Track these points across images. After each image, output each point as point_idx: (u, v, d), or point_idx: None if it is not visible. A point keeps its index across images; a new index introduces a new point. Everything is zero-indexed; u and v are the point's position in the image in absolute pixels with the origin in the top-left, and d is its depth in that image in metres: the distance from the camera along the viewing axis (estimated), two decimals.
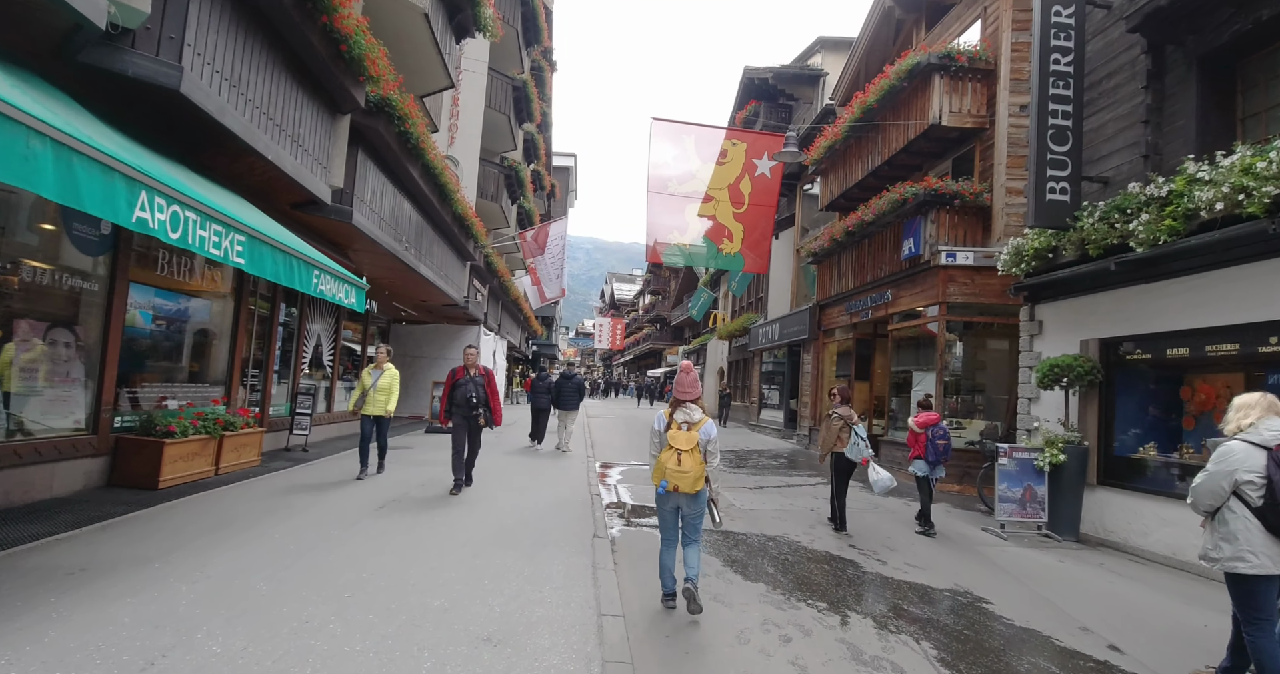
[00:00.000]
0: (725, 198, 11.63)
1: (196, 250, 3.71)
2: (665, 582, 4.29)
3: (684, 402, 4.26)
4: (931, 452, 7.03)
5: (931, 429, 7.06)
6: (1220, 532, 3.25)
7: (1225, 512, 3.24)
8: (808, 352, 16.07)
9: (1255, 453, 3.19)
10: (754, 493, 9.12)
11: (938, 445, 7.03)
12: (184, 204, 3.59)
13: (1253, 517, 3.16)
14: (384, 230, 10.44)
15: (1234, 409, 3.39)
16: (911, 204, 10.51)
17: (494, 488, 7.90)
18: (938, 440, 7.02)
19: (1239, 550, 3.15)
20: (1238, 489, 3.20)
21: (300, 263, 5.23)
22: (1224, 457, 3.26)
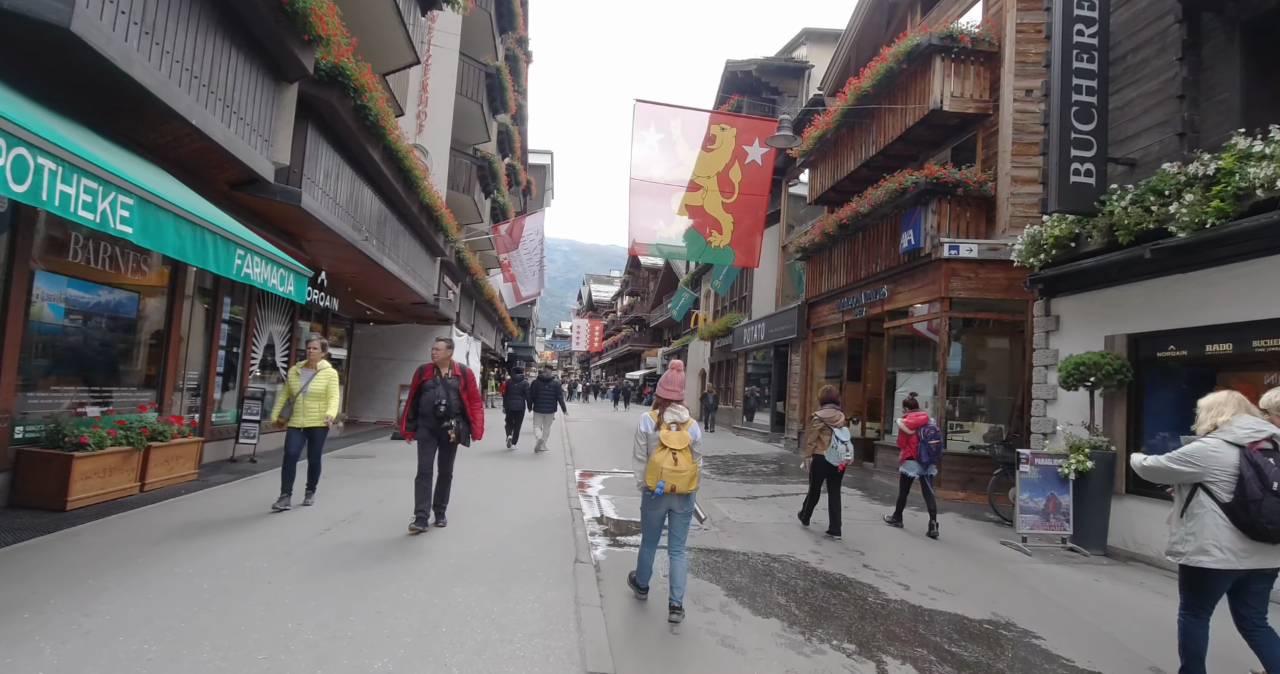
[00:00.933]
0: (713, 187, 10.89)
1: (56, 210, 2.83)
2: (642, 577, 4.27)
3: (672, 401, 4.24)
4: (925, 452, 6.87)
5: (922, 429, 6.89)
6: (1187, 526, 3.29)
7: (1194, 506, 3.28)
8: (796, 352, 15.43)
9: (1228, 450, 3.22)
10: (748, 504, 8.38)
11: (930, 445, 6.86)
12: (35, 148, 2.71)
13: (1221, 512, 3.19)
14: (340, 218, 9.50)
15: (1204, 409, 3.43)
16: (911, 193, 9.90)
17: (459, 502, 7.03)
18: (930, 440, 6.86)
19: (1203, 544, 3.20)
20: (1205, 485, 3.24)
21: (216, 239, 4.34)
22: (1198, 453, 3.28)
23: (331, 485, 7.84)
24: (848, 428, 6.67)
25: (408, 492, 7.48)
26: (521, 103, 26.78)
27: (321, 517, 6.07)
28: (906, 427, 6.99)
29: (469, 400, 5.82)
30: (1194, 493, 3.29)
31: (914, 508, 8.54)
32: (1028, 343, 9.31)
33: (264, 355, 11.02)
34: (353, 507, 6.67)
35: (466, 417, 5.81)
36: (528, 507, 7.18)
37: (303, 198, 8.10)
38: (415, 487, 5.72)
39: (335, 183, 9.32)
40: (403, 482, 8.22)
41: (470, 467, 10.12)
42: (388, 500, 7.00)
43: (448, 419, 5.61)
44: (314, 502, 6.63)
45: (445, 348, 5.85)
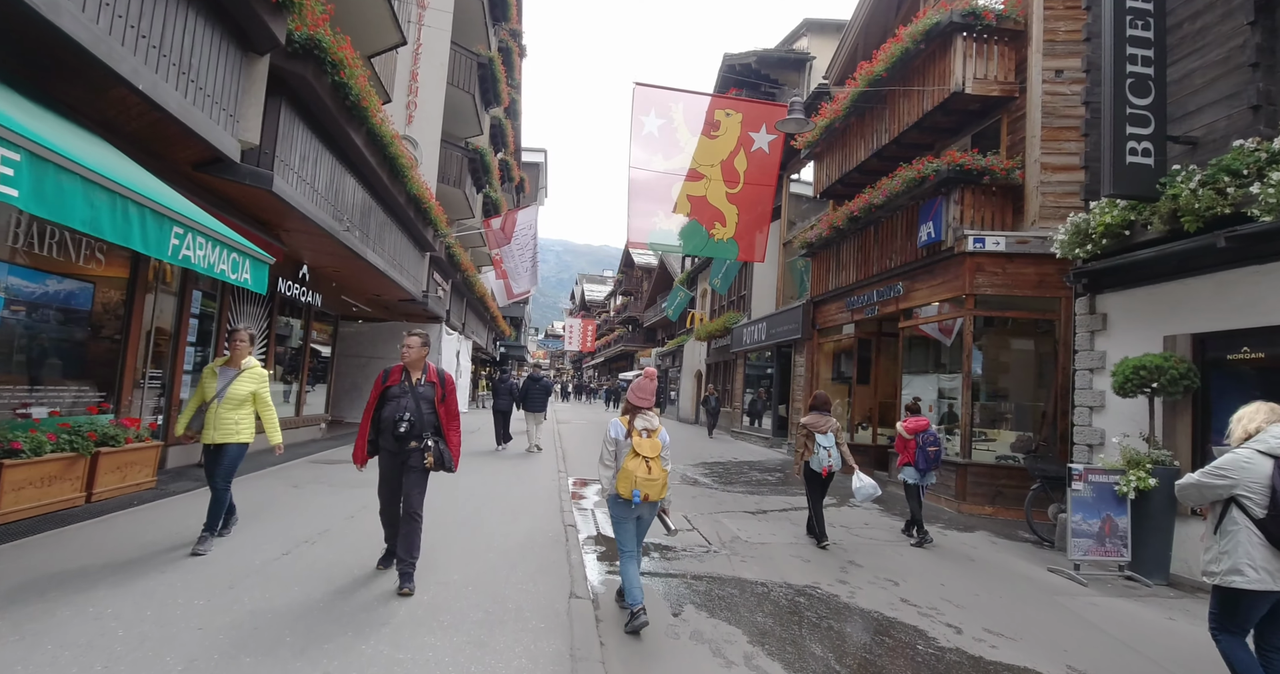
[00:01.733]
0: (717, 176, 10.19)
1: None
2: (633, 594, 3.98)
3: (643, 408, 4.18)
4: (922, 458, 6.64)
5: (921, 435, 6.67)
6: (1220, 544, 3.13)
7: (1227, 523, 3.12)
8: (800, 353, 14.74)
9: (1262, 461, 3.06)
10: (759, 520, 7.66)
11: (929, 452, 6.63)
12: None
13: (1255, 529, 3.04)
14: (319, 206, 8.74)
15: (1235, 420, 3.28)
16: (932, 182, 9.21)
17: (437, 516, 6.29)
18: (929, 447, 6.63)
19: (1237, 564, 3.04)
20: (1239, 500, 3.09)
21: (145, 212, 3.58)
22: (1230, 464, 3.12)
23: (302, 496, 7.09)
24: (844, 433, 6.37)
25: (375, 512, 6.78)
26: (515, 97, 26.03)
27: (282, 536, 5.31)
28: (906, 431, 6.76)
29: (446, 416, 4.37)
30: (1227, 509, 3.13)
31: (940, 524, 7.85)
32: (1061, 344, 8.65)
33: None
34: (320, 523, 5.91)
35: (441, 435, 4.35)
36: (516, 523, 6.44)
37: (274, 181, 7.36)
38: (384, 520, 4.56)
39: (313, 168, 8.57)
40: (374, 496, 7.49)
41: (453, 474, 9.40)
42: (360, 516, 6.25)
43: (415, 438, 4.22)
44: (208, 550, 4.72)
45: (419, 346, 4.38)
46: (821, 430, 6.33)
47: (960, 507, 8.65)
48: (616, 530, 4.19)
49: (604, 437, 4.20)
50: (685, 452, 14.57)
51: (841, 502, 9.13)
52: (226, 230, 4.78)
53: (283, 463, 9.57)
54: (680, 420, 27.60)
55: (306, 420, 13.06)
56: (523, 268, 15.75)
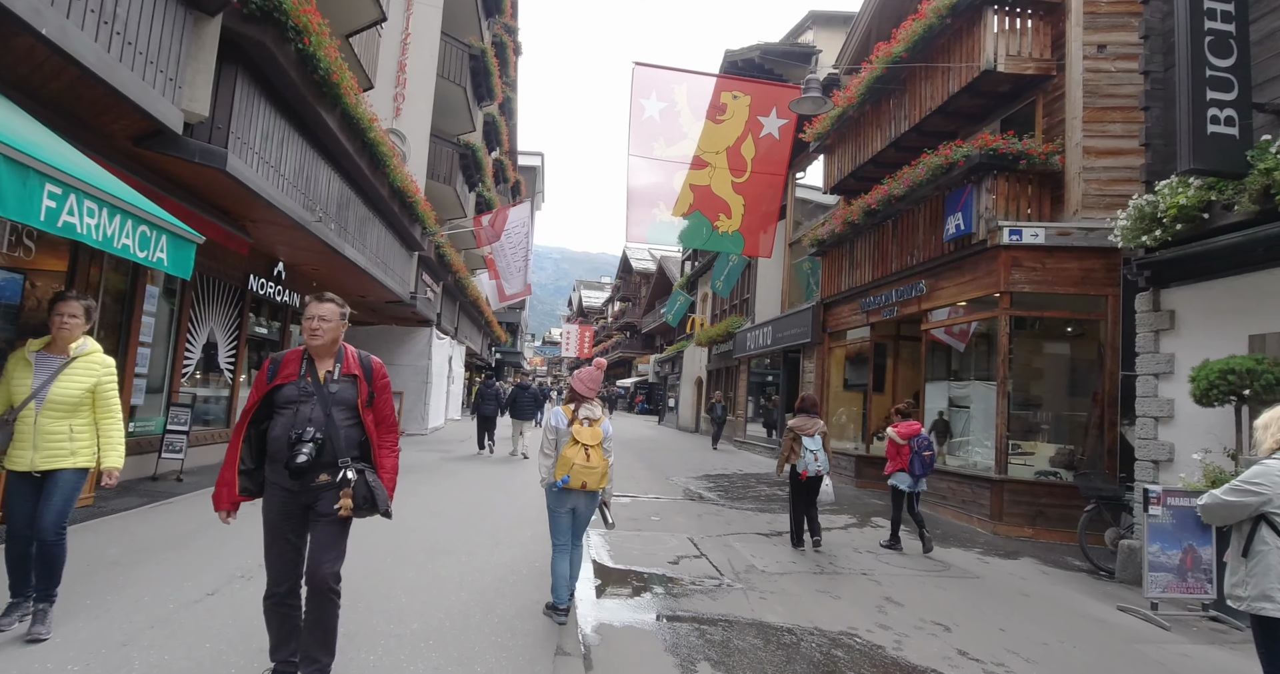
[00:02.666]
0: (722, 163, 9.38)
1: None
2: (560, 594, 4.04)
3: (587, 398, 4.20)
4: (918, 464, 6.50)
5: (915, 439, 6.53)
6: (1248, 566, 2.84)
7: (1256, 543, 2.82)
8: (809, 358, 13.89)
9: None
10: (775, 544, 6.79)
11: (924, 457, 6.50)
12: None
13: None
14: (286, 193, 7.91)
15: (1260, 428, 2.99)
16: (961, 169, 8.40)
17: (405, 539, 5.41)
18: (923, 452, 6.50)
19: (1266, 589, 2.73)
20: (1269, 517, 2.78)
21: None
22: (1260, 476, 2.82)
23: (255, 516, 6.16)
24: (821, 437, 6.38)
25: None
26: (510, 95, 25.30)
27: (208, 569, 4.42)
28: (899, 436, 6.59)
29: (376, 429, 2.85)
30: (1256, 527, 2.85)
31: (978, 549, 6.98)
32: (1108, 347, 7.82)
33: (203, 355, 9.38)
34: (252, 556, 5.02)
35: (370, 461, 2.82)
36: (496, 550, 5.57)
37: (229, 160, 6.53)
38: (266, 615, 2.79)
39: (279, 150, 7.75)
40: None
41: (432, 485, 8.51)
42: None
43: (325, 468, 2.68)
44: (48, 630, 3.20)
45: (334, 319, 2.79)
46: (808, 433, 6.26)
47: (996, 528, 7.79)
48: (550, 521, 4.15)
49: (544, 425, 4.19)
50: (686, 463, 13.70)
51: (863, 522, 8.26)
52: (135, 197, 3.92)
53: None
54: (680, 429, 26.71)
55: None
56: (514, 268, 14.91)
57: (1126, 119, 7.97)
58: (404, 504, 7.24)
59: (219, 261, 9.28)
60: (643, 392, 44.77)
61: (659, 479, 11.07)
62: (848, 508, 9.18)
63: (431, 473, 10.00)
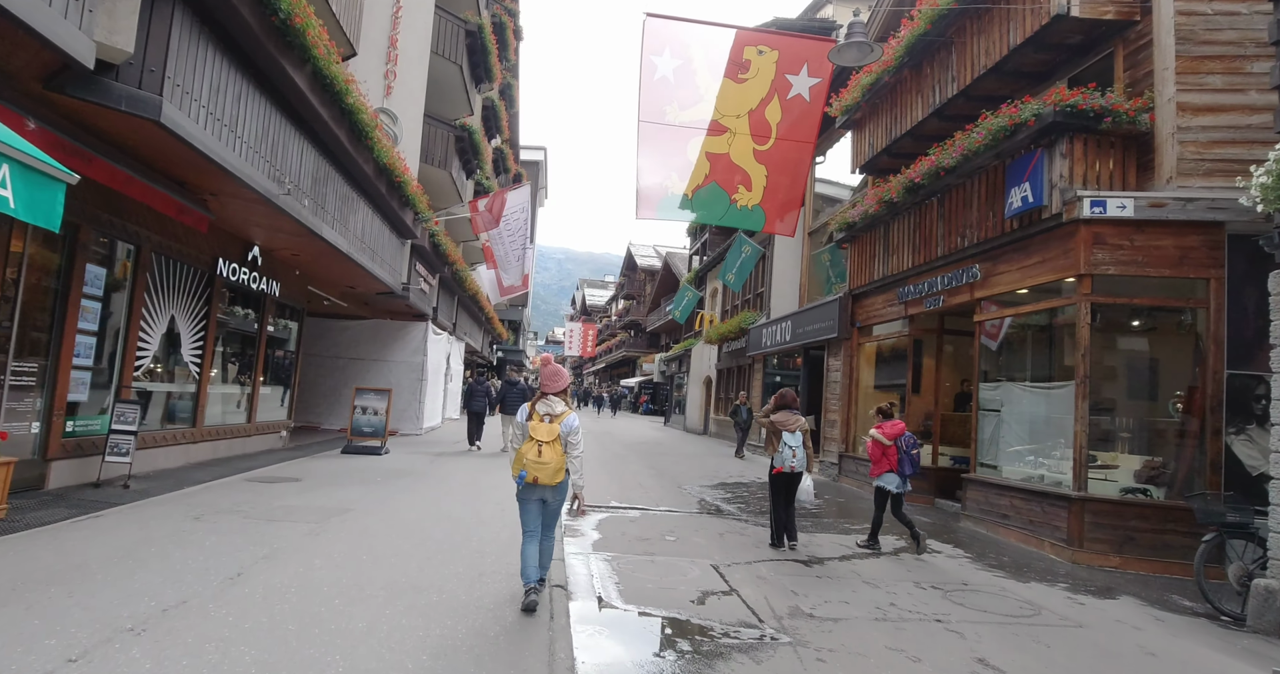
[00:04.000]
0: (744, 129, 8.21)
1: None
2: (527, 574, 4.09)
3: (547, 393, 4.24)
4: (907, 464, 6.41)
5: (901, 439, 6.44)
6: None
7: None
8: (835, 355, 12.70)
9: None
10: (818, 576, 5.62)
11: (912, 456, 6.43)
12: None
13: None
14: (246, 158, 6.78)
15: None
16: (1030, 130, 7.21)
17: (352, 576, 4.26)
18: (911, 451, 6.42)
19: None
20: None
21: None
22: None
23: (194, 534, 5.08)
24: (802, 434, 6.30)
25: (299, 549, 4.76)
26: (510, 82, 24.17)
27: (106, 610, 3.28)
28: (884, 437, 6.47)
29: None
30: None
31: (1062, 584, 5.78)
32: (1210, 340, 6.63)
33: (161, 345, 8.25)
34: (185, 585, 3.90)
35: None
36: (478, 583, 4.43)
37: (163, 109, 5.39)
38: None
39: (235, 108, 6.61)
40: (304, 528, 5.48)
41: (415, 494, 7.34)
42: (252, 573, 4.23)
43: None
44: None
45: None
46: (789, 429, 6.24)
47: (1075, 555, 6.60)
48: (520, 510, 4.22)
49: (513, 421, 4.30)
50: (698, 470, 12.52)
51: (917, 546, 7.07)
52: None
53: (211, 481, 7.59)
54: (687, 430, 25.53)
55: (261, 427, 11.06)
56: (513, 257, 13.77)
57: (1228, 70, 6.82)
58: (377, 518, 6.09)
59: (181, 242, 8.18)
60: (647, 391, 43.61)
61: (670, 489, 9.91)
62: (889, 525, 7.97)
63: (418, 479, 8.86)
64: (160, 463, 8.15)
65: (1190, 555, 6.23)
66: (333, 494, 7.24)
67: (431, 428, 17.32)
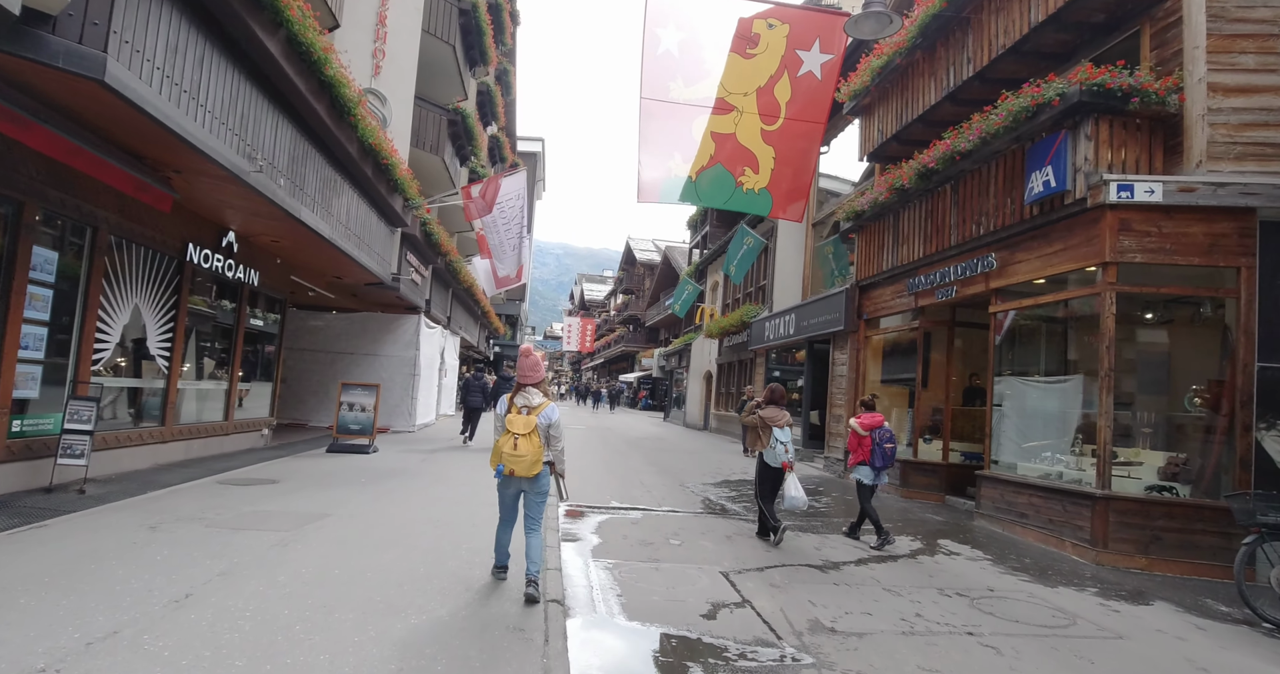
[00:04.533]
0: (751, 107, 7.76)
1: None
2: (500, 555, 4.26)
3: (525, 386, 4.21)
4: (880, 456, 6.45)
5: (877, 431, 6.50)
6: None
7: None
8: (841, 348, 12.28)
9: None
10: (835, 582, 5.21)
11: (886, 449, 6.47)
12: None
13: None
14: (210, 129, 6.30)
15: None
16: (1054, 111, 6.77)
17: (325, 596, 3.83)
18: (885, 444, 6.47)
19: None
20: None
21: None
22: None
23: (149, 545, 4.61)
24: (790, 429, 6.34)
25: (263, 563, 4.30)
26: (507, 67, 23.63)
27: (5, 652, 2.84)
28: (861, 428, 6.53)
29: None
30: None
31: (1092, 588, 5.37)
32: (1240, 330, 6.22)
33: (124, 337, 7.74)
34: (125, 608, 3.46)
35: None
36: (466, 598, 3.97)
37: (108, 67, 4.90)
38: None
39: (197, 73, 6.11)
40: (273, 538, 5.02)
41: (403, 495, 6.88)
42: (204, 594, 3.78)
43: None
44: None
45: None
46: (779, 425, 6.25)
47: (1099, 556, 6.20)
48: (498, 500, 4.23)
49: (494, 413, 4.28)
50: (701, 467, 12.10)
51: (930, 546, 6.66)
52: None
53: (179, 484, 7.12)
54: (688, 426, 25.14)
55: (240, 425, 10.57)
56: (508, 246, 13.28)
57: (1262, 49, 6.40)
58: (358, 525, 5.54)
59: (145, 224, 7.65)
60: (646, 387, 43.21)
61: (673, 487, 9.49)
62: (902, 525, 7.59)
63: (407, 479, 8.41)
64: (125, 464, 7.66)
65: (1220, 556, 5.92)
66: (311, 498, 6.77)
67: (425, 424, 16.88)
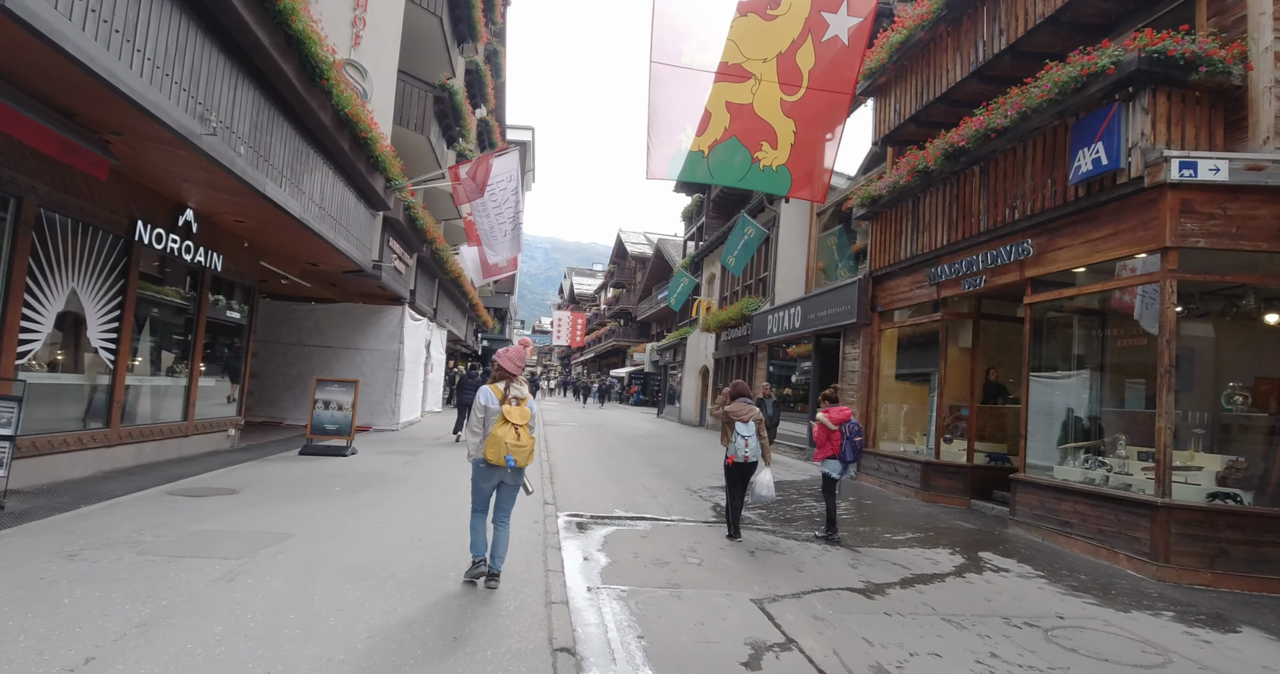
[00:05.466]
0: (770, 75, 7.04)
1: None
2: (477, 547, 4.23)
3: (514, 377, 4.27)
4: (850, 450, 6.43)
5: (846, 425, 6.46)
6: None
7: None
8: (852, 342, 11.62)
9: None
10: (885, 610, 4.52)
11: (855, 443, 6.46)
12: None
13: None
14: (150, 80, 5.44)
15: None
16: (1107, 80, 6.11)
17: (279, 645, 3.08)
18: (854, 437, 6.44)
19: None
20: None
21: None
22: None
23: (60, 582, 3.68)
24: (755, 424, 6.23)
25: (198, 608, 3.44)
26: (497, 48, 22.73)
27: None
28: (830, 422, 6.49)
29: None
30: None
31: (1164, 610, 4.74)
32: None
33: (58, 326, 6.81)
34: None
35: None
36: (451, 651, 3.23)
37: None
38: None
39: (130, 11, 5.20)
40: (217, 570, 4.16)
41: (380, 511, 5.95)
42: (109, 658, 2.98)
43: None
44: None
45: None
46: (743, 419, 6.18)
47: (1160, 571, 5.58)
48: (473, 491, 4.25)
49: (474, 404, 4.20)
50: (704, 467, 11.40)
51: (973, 561, 6.01)
52: None
53: (122, 495, 6.25)
54: (683, 422, 24.47)
55: (202, 426, 9.68)
56: (500, 232, 12.47)
57: None
58: (324, 548, 4.64)
59: (83, 196, 6.74)
60: (637, 382, 42.51)
61: (679, 491, 8.79)
62: (934, 534, 6.94)
63: (387, 487, 7.59)
64: (63, 472, 6.77)
65: None
66: (274, 512, 5.91)
67: (410, 422, 16.05)
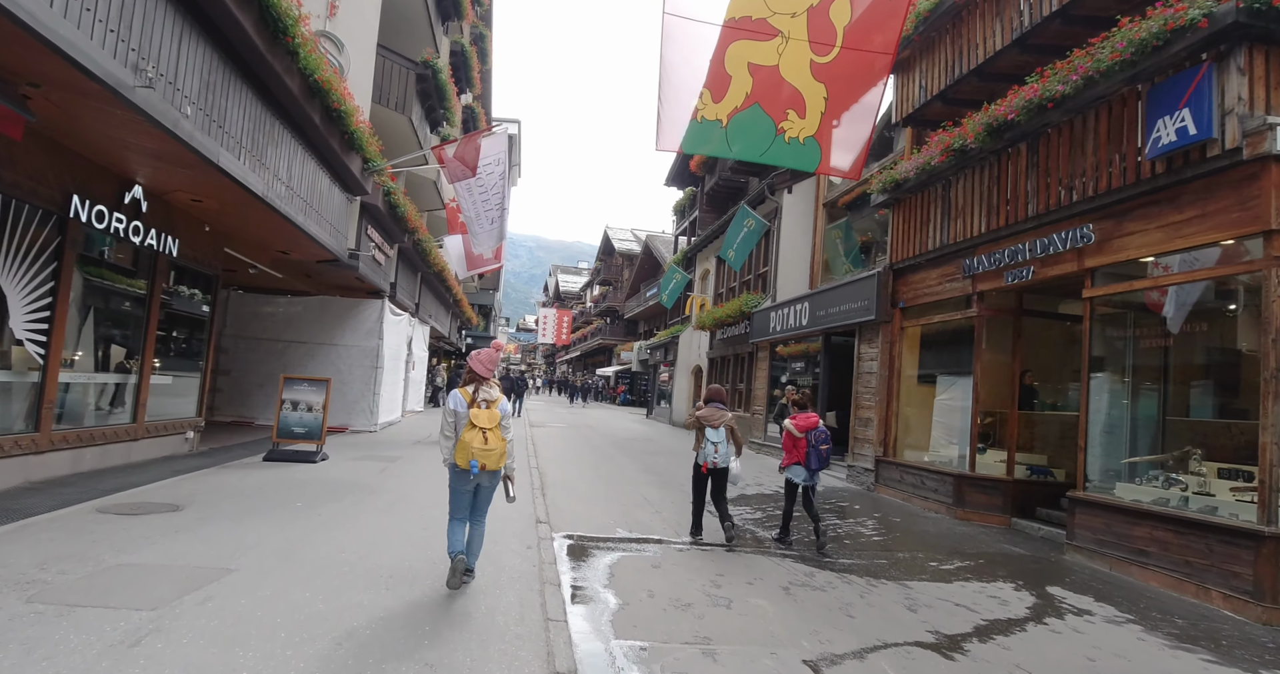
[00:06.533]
0: (799, 32, 6.13)
1: None
2: (454, 545, 4.13)
3: (485, 379, 4.25)
4: (814, 458, 6.21)
5: (812, 432, 6.24)
6: None
7: None
8: (869, 341, 10.77)
9: None
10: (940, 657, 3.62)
11: (820, 451, 6.23)
12: None
13: None
14: (65, 14, 4.42)
15: None
16: (1198, 35, 5.28)
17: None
18: (820, 445, 6.24)
19: None
20: None
21: None
22: None
23: None
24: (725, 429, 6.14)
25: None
26: (484, 32, 21.65)
27: None
28: (796, 429, 6.31)
29: None
30: None
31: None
32: None
33: None
34: None
35: None
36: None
37: None
38: None
39: None
40: (122, 627, 3.05)
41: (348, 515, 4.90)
42: None
43: None
44: None
45: None
46: (714, 425, 6.13)
47: (1266, 614, 4.75)
48: (450, 497, 4.20)
49: (444, 408, 4.20)
50: None
51: (1048, 604, 5.15)
52: None
53: (41, 513, 5.19)
54: (674, 424, 23.56)
55: (154, 428, 8.59)
56: (487, 219, 11.46)
57: None
58: (268, 589, 3.50)
59: (2, 165, 5.71)
60: (624, 381, 41.56)
61: (683, 504, 7.84)
62: (985, 562, 6.07)
63: (359, 499, 6.60)
64: None
65: None
66: (218, 536, 4.88)
67: (389, 423, 14.97)
